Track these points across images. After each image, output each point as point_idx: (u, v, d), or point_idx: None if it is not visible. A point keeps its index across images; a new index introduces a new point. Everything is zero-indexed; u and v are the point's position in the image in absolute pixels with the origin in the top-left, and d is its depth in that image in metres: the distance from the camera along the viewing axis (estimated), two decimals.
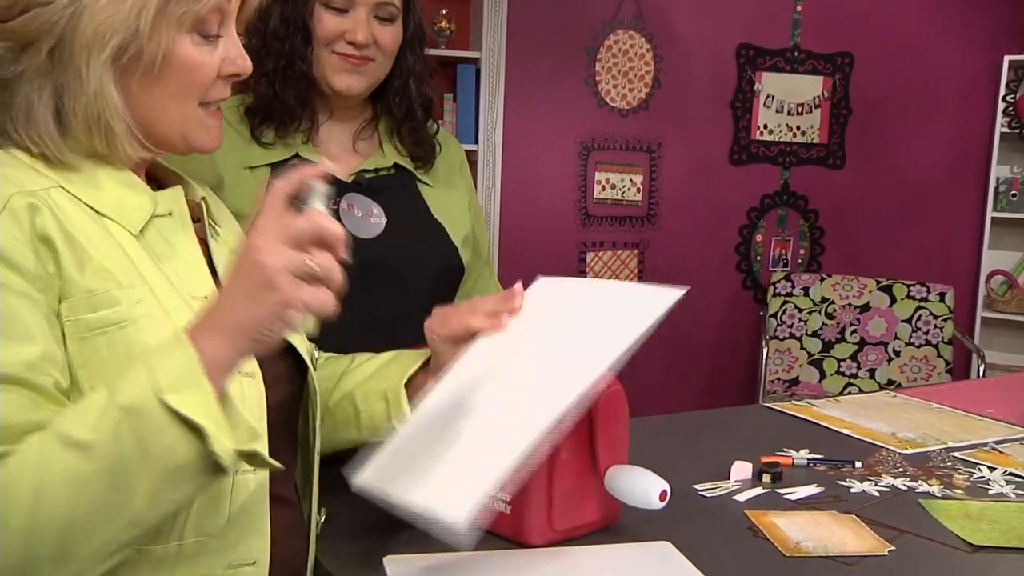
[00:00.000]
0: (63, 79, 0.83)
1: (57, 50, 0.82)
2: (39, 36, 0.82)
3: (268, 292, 0.74)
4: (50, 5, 0.81)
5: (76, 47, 0.82)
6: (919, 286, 3.70)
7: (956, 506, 1.26)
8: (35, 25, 0.81)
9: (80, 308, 0.81)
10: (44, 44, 0.82)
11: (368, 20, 1.39)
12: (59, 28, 0.81)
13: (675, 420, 1.74)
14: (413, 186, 1.50)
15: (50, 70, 0.83)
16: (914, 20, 4.04)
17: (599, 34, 3.71)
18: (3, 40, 0.82)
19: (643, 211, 3.87)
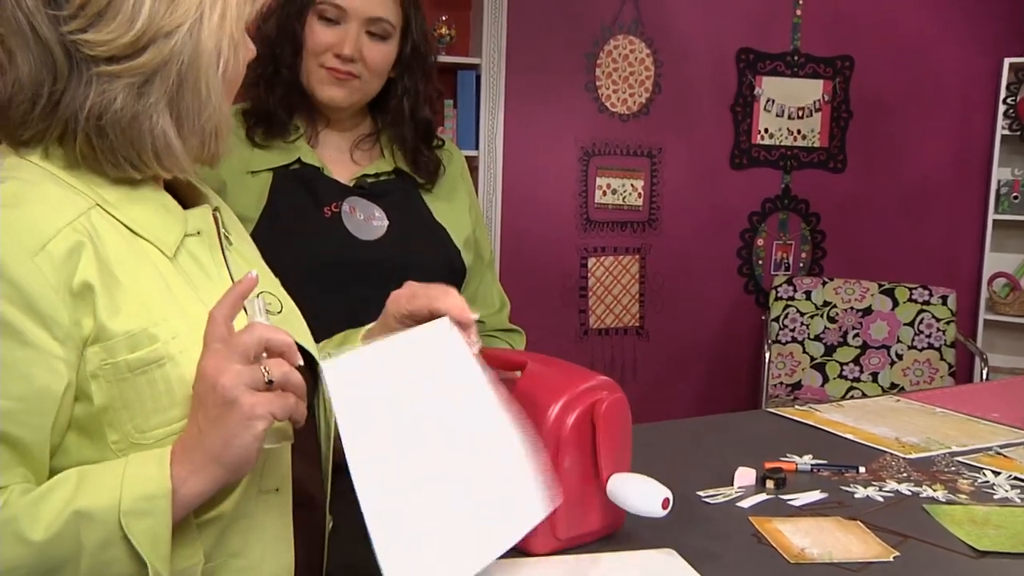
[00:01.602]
0: (184, 101, 0.86)
1: (181, 77, 0.84)
2: (164, 67, 0.83)
3: (231, 410, 0.76)
4: (173, 36, 0.83)
5: (199, 68, 0.85)
6: (921, 289, 3.70)
7: (961, 511, 1.26)
8: (161, 58, 0.83)
9: (119, 350, 0.82)
10: (170, 73, 0.84)
11: (359, 35, 1.39)
12: (183, 56, 0.84)
13: (678, 426, 1.73)
14: (414, 190, 1.50)
15: (172, 95, 0.85)
16: (914, 23, 4.04)
17: (599, 39, 3.71)
18: (131, 76, 0.82)
19: (644, 216, 3.87)
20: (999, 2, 4.10)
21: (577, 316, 3.84)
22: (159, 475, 0.77)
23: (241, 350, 0.78)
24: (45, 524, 0.75)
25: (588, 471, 1.08)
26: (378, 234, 1.43)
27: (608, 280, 3.86)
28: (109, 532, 0.76)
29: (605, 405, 1.07)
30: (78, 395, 0.81)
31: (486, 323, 1.59)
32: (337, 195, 1.43)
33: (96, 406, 0.82)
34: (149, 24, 0.82)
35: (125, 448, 0.82)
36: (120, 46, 0.81)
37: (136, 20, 0.81)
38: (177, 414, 0.83)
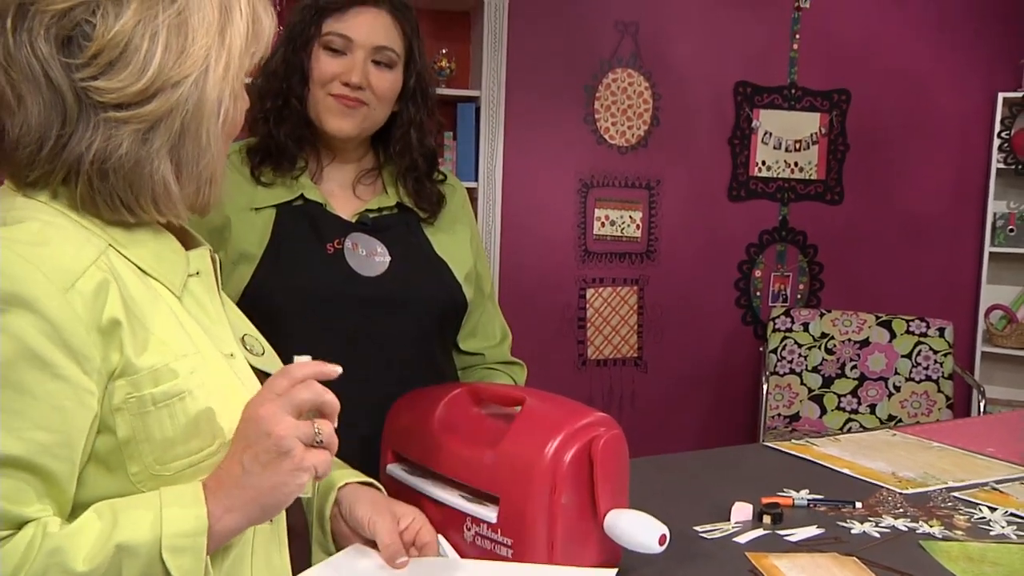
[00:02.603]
0: (184, 149, 0.87)
1: (184, 125, 0.86)
2: (169, 115, 0.85)
3: (283, 459, 0.82)
4: (181, 86, 0.85)
5: (202, 117, 0.87)
6: (918, 321, 3.71)
7: (957, 548, 1.26)
8: (168, 106, 0.85)
9: (144, 384, 0.84)
10: (175, 121, 0.86)
11: (365, 63, 1.41)
12: (189, 105, 0.86)
13: (675, 460, 1.74)
14: (416, 225, 1.51)
15: (174, 143, 0.86)
16: (909, 58, 4.08)
17: (598, 72, 3.75)
18: (137, 123, 0.84)
19: (642, 247, 3.88)
20: (992, 37, 4.15)
21: (575, 347, 3.85)
22: (197, 513, 0.81)
23: (297, 403, 0.83)
24: (86, 556, 0.77)
25: (585, 507, 1.08)
26: (380, 270, 1.44)
27: (606, 311, 3.87)
28: (150, 566, 0.79)
29: (603, 441, 1.07)
30: (101, 428, 0.83)
31: (486, 356, 1.60)
32: (340, 231, 1.44)
33: (119, 439, 0.84)
34: (158, 74, 0.83)
35: (144, 480, 0.85)
36: (130, 94, 0.83)
37: (147, 70, 0.83)
38: (195, 446, 0.86)
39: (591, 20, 3.72)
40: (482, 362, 1.60)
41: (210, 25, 0.86)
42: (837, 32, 4.00)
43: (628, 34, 3.77)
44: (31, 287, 0.78)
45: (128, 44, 0.82)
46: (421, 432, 1.22)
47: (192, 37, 0.85)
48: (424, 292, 1.47)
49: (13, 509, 0.78)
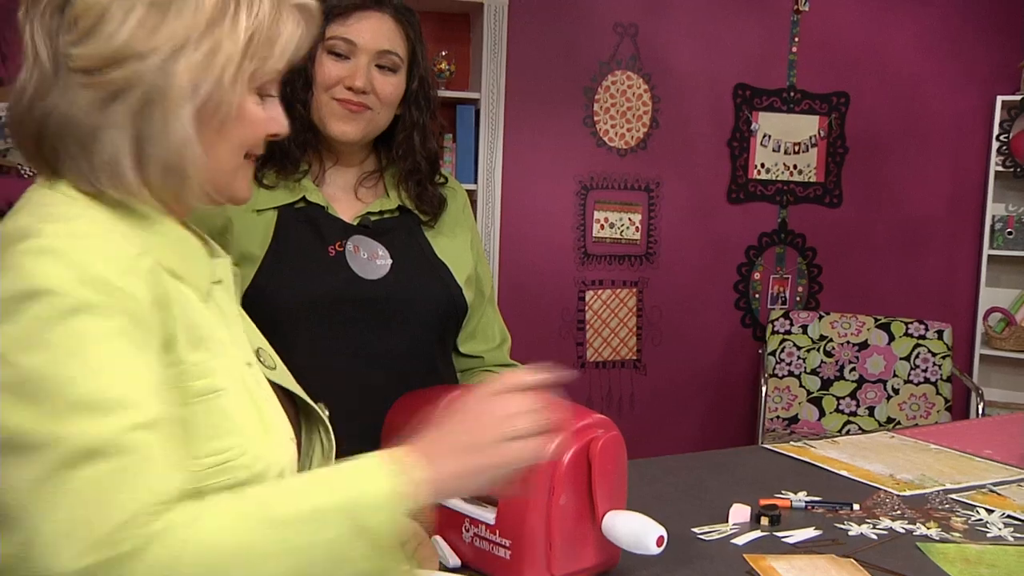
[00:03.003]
0: (146, 128, 0.85)
1: (147, 100, 0.84)
2: (131, 87, 0.84)
3: (510, 448, 0.88)
4: (147, 58, 0.84)
5: (168, 98, 0.85)
6: (917, 324, 3.72)
7: (954, 550, 1.27)
8: (129, 77, 0.84)
9: (189, 376, 0.84)
10: (135, 94, 0.84)
11: (368, 67, 1.41)
12: (152, 79, 0.84)
13: (674, 462, 1.74)
14: (417, 228, 1.52)
15: (135, 119, 0.85)
16: (908, 61, 4.09)
17: (597, 74, 3.75)
18: (95, 90, 0.84)
19: (642, 250, 3.89)
20: (992, 41, 4.15)
21: (575, 349, 3.85)
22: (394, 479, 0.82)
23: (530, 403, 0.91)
24: (285, 513, 0.78)
25: (584, 508, 1.09)
26: (381, 273, 1.44)
27: (605, 313, 3.87)
28: (350, 527, 0.79)
29: (601, 443, 1.08)
30: None
31: (485, 359, 1.60)
32: (341, 234, 1.44)
33: None
34: (126, 44, 0.83)
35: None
36: (95, 59, 0.83)
37: (115, 38, 0.83)
38: (223, 445, 0.86)
39: (590, 22, 3.72)
40: (481, 365, 1.60)
41: (199, 11, 0.85)
42: (836, 35, 4.00)
43: (627, 36, 3.77)
44: (100, 270, 0.79)
45: (105, 14, 0.83)
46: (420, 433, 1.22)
47: (172, 16, 0.84)
48: (425, 295, 1.47)
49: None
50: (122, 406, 0.75)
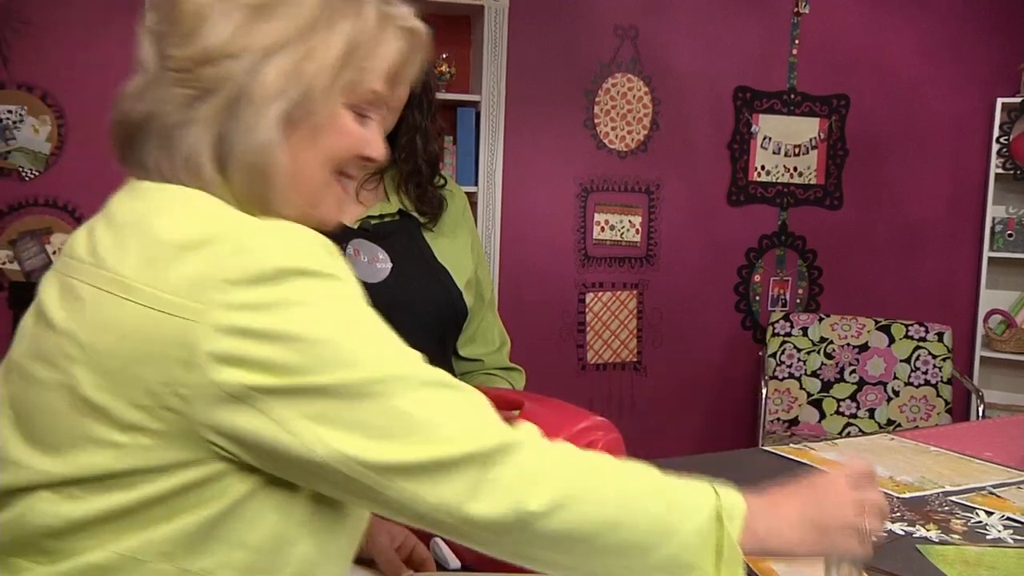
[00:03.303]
0: (231, 128, 0.84)
1: (233, 100, 0.84)
2: (220, 86, 0.84)
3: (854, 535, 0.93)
4: (239, 59, 0.84)
5: (255, 99, 0.84)
6: (917, 326, 3.72)
7: (954, 552, 1.27)
8: (220, 76, 0.84)
9: None
10: (223, 93, 0.84)
11: None
12: (240, 79, 0.84)
13: (674, 464, 1.72)
14: (417, 232, 1.52)
15: (221, 119, 0.84)
16: (908, 63, 4.10)
17: (597, 77, 3.76)
18: (186, 87, 0.84)
19: (642, 252, 3.89)
20: (992, 43, 4.16)
21: (575, 351, 3.85)
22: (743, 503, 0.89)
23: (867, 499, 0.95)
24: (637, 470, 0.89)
25: None
26: (382, 276, 1.45)
27: (606, 315, 3.87)
28: (709, 526, 0.85)
29: (601, 445, 1.08)
30: None
31: (485, 362, 1.60)
32: (341, 237, 1.45)
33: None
34: (221, 44, 0.84)
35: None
36: (190, 59, 0.84)
37: (211, 38, 0.84)
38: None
39: (591, 25, 3.73)
40: (481, 368, 1.60)
41: (297, 16, 0.85)
42: (836, 37, 4.01)
43: (628, 39, 3.78)
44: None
45: (206, 16, 0.84)
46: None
47: (270, 20, 0.85)
48: (425, 299, 1.47)
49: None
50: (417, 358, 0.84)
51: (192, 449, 0.76)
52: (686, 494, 0.87)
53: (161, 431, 0.76)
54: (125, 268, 0.78)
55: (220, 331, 0.75)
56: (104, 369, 0.76)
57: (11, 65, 3.13)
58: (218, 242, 0.77)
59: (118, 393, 0.76)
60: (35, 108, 3.17)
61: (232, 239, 0.78)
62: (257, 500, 0.80)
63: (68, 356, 0.78)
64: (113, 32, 3.13)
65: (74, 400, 0.77)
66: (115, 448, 0.76)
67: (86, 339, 0.77)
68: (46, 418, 0.79)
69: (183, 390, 0.75)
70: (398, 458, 0.76)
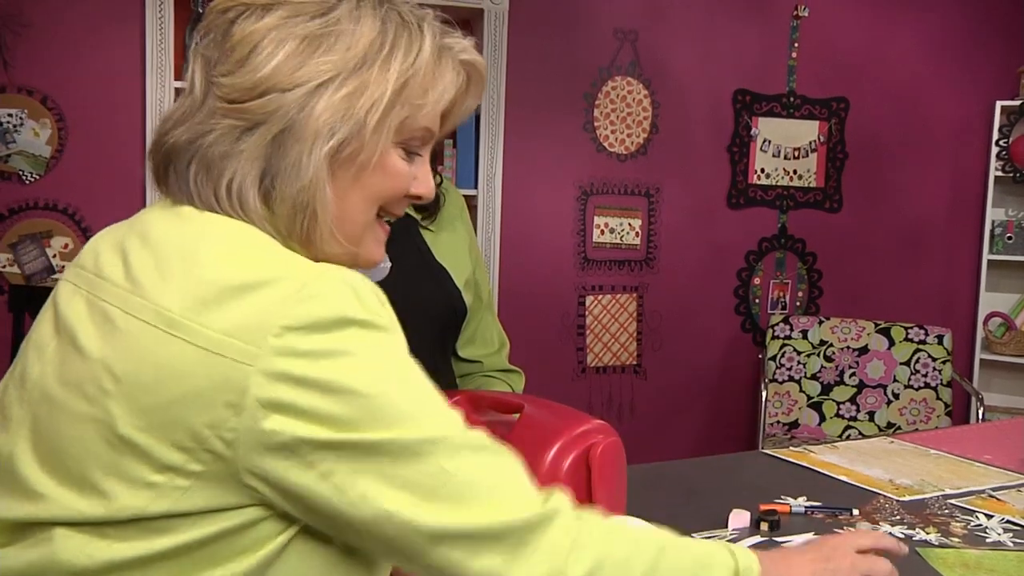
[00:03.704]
0: (278, 162, 0.82)
1: (281, 134, 0.82)
2: (269, 119, 0.82)
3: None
4: (289, 92, 0.81)
5: (304, 134, 0.82)
6: (917, 328, 3.72)
7: (953, 555, 1.27)
8: (269, 109, 0.82)
9: None
10: (271, 127, 0.82)
11: None
12: (289, 114, 0.82)
13: (673, 467, 1.74)
14: (415, 231, 1.52)
15: (268, 153, 0.82)
16: (908, 66, 4.10)
17: (597, 80, 3.76)
18: (234, 119, 0.82)
19: (642, 255, 3.89)
20: (991, 46, 4.16)
21: (575, 354, 3.85)
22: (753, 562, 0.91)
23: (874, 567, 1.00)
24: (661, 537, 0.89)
25: None
26: (381, 275, 1.44)
27: (606, 318, 3.88)
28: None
29: (600, 449, 1.08)
30: None
31: (485, 363, 1.61)
32: None
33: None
34: (271, 76, 0.82)
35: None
36: (240, 89, 0.82)
37: (262, 69, 0.82)
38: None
39: (590, 28, 3.73)
40: (480, 370, 1.60)
41: (351, 49, 0.82)
42: (836, 40, 4.01)
43: (627, 42, 3.78)
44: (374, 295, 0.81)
45: (257, 45, 0.82)
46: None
47: (323, 52, 0.82)
48: (425, 298, 1.48)
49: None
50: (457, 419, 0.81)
51: (231, 494, 0.75)
52: (707, 554, 0.89)
53: (200, 473, 0.74)
54: (170, 301, 0.75)
55: (273, 377, 0.72)
56: (143, 406, 0.74)
57: (11, 68, 3.13)
58: (274, 285, 0.75)
59: (158, 432, 0.73)
60: (35, 111, 3.17)
61: (289, 283, 0.75)
62: (294, 550, 0.78)
63: (103, 389, 0.75)
64: (113, 36, 3.14)
65: (109, 436, 0.74)
66: (150, 489, 0.74)
67: (123, 372, 0.75)
68: (76, 450, 0.76)
69: (228, 434, 0.73)
70: (446, 523, 0.75)
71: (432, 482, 0.75)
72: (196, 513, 0.74)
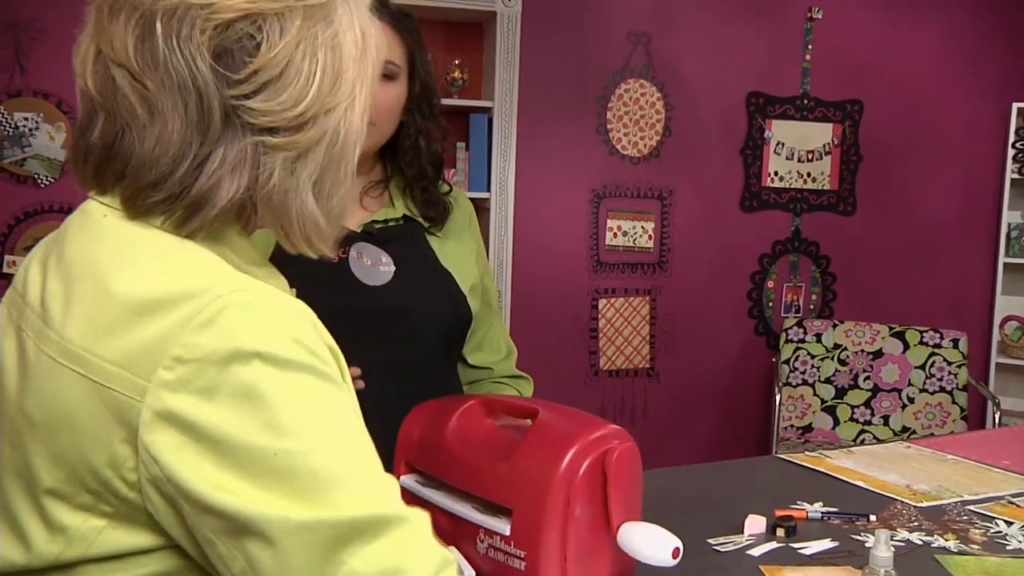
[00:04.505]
0: (325, 180, 0.80)
1: (330, 155, 0.79)
2: (318, 144, 0.77)
3: None
4: (332, 113, 0.78)
5: (348, 149, 0.80)
6: (932, 332, 3.70)
7: (973, 562, 1.26)
8: (318, 136, 0.77)
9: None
10: (322, 151, 0.78)
11: None
12: (338, 136, 0.79)
13: (689, 472, 1.73)
14: (422, 236, 1.52)
15: (320, 174, 0.79)
16: (922, 68, 4.08)
17: (610, 83, 3.76)
18: (288, 150, 0.76)
19: (655, 258, 3.88)
20: (1007, 48, 4.14)
21: (587, 357, 3.84)
22: None
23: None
24: None
25: (599, 520, 1.08)
26: (385, 279, 1.45)
27: (618, 321, 3.86)
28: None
29: (616, 454, 1.07)
30: None
31: (495, 370, 1.60)
32: (345, 241, 1.44)
33: None
34: (316, 100, 0.76)
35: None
36: (286, 118, 0.75)
37: (306, 94, 0.75)
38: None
39: (603, 31, 3.73)
40: (490, 376, 1.60)
41: (354, 49, 0.79)
42: (849, 42, 4.00)
43: (640, 45, 3.77)
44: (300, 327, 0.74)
45: (289, 64, 0.74)
46: (434, 444, 1.22)
47: (345, 62, 0.78)
48: (429, 303, 1.47)
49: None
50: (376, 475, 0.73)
51: (143, 535, 0.70)
52: None
53: (112, 514, 0.70)
54: (72, 330, 0.70)
55: (160, 416, 0.66)
56: (54, 452, 0.69)
57: (27, 73, 3.14)
58: (183, 303, 0.68)
59: (71, 477, 0.69)
60: (51, 115, 3.18)
61: (197, 302, 0.68)
62: None
63: (21, 435, 0.72)
64: None
65: (33, 485, 0.71)
66: (64, 534, 0.70)
67: (35, 415, 0.71)
68: (10, 496, 0.73)
69: (131, 475, 0.68)
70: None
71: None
72: (111, 558, 0.70)
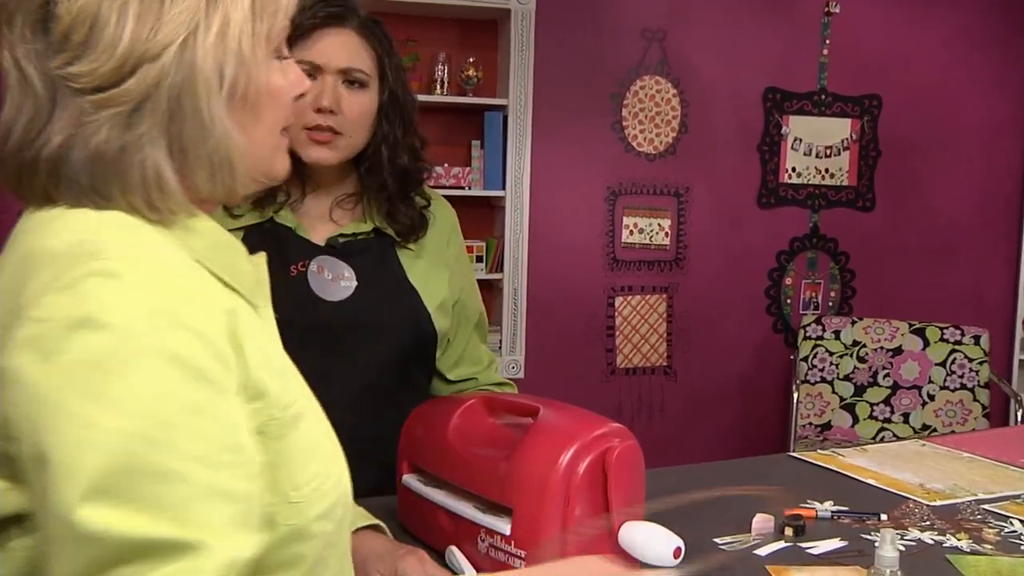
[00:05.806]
0: (181, 133, 0.76)
1: (174, 103, 0.75)
2: (153, 93, 0.74)
3: None
4: (160, 57, 0.73)
5: (196, 91, 0.75)
6: (953, 329, 3.65)
7: (985, 562, 1.24)
8: (148, 82, 0.73)
9: (276, 407, 0.78)
10: (159, 100, 0.74)
11: (335, 87, 1.38)
12: (172, 78, 0.74)
13: (698, 470, 1.72)
14: (391, 250, 1.48)
15: (167, 127, 0.75)
16: (941, 62, 4.03)
17: (625, 80, 3.74)
18: (117, 106, 0.73)
19: (671, 255, 3.86)
20: None
21: (604, 355, 3.83)
22: None
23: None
24: None
25: (600, 519, 1.07)
26: (344, 294, 1.42)
27: (635, 319, 3.85)
28: None
29: (616, 452, 1.06)
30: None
31: (479, 379, 1.57)
32: (307, 254, 1.42)
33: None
34: (132, 47, 0.73)
35: (279, 508, 0.77)
36: (103, 74, 0.73)
37: (118, 44, 0.72)
38: (316, 469, 0.80)
39: (618, 28, 3.71)
40: (475, 385, 1.56)
41: None
42: (867, 37, 3.96)
43: (655, 41, 3.75)
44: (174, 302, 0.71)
45: (96, 20, 0.72)
46: (436, 443, 1.22)
47: (168, 4, 0.74)
48: (389, 319, 1.44)
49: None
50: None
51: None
52: None
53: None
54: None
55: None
56: None
57: None
58: (55, 260, 0.69)
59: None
60: None
61: (65, 260, 0.69)
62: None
63: None
64: None
65: None
66: None
67: None
68: None
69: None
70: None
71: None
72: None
